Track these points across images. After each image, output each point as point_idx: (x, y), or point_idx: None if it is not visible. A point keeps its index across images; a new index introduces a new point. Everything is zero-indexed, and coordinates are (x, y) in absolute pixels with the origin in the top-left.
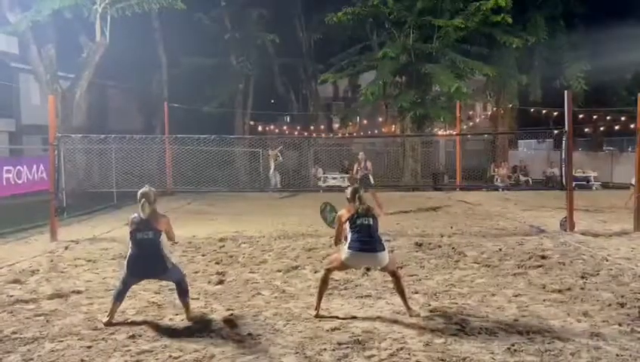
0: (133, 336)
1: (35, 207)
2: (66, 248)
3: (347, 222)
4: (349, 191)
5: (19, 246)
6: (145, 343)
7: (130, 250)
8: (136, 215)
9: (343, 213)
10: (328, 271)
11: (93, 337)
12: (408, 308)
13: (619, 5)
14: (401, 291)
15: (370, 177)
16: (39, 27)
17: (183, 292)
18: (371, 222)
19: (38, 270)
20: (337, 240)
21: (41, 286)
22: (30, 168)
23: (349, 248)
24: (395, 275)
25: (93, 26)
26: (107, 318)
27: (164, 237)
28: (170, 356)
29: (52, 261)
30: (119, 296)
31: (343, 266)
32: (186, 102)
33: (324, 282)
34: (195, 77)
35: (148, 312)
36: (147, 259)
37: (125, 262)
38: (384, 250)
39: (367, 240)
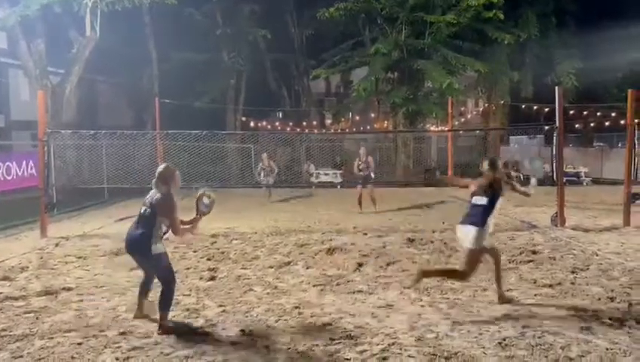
0: (123, 333)
1: (24, 204)
2: (56, 245)
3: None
4: (485, 163)
5: (8, 243)
6: (135, 340)
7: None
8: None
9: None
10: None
11: (84, 334)
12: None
13: (610, 4)
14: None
15: (372, 173)
16: (28, 22)
17: (161, 296)
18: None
19: (28, 267)
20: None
21: (31, 283)
22: (20, 164)
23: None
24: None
25: (83, 20)
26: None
27: (161, 223)
28: (162, 352)
29: (42, 258)
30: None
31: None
32: (177, 98)
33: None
34: (186, 72)
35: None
36: (133, 233)
37: None
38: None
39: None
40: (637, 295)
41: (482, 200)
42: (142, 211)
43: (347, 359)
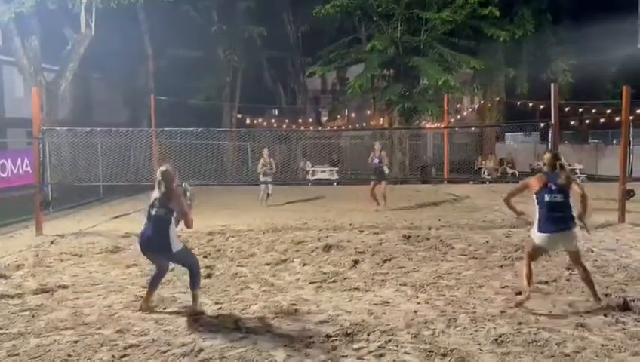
0: (120, 331)
1: (19, 201)
2: (52, 242)
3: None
4: (547, 156)
5: (4, 241)
6: (132, 337)
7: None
8: (155, 192)
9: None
10: (529, 258)
11: (80, 332)
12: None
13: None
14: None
15: (385, 168)
16: (23, 18)
17: (191, 279)
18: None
19: (24, 265)
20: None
21: (27, 281)
22: (15, 162)
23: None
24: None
25: (78, 17)
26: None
27: (177, 220)
28: (158, 350)
29: (37, 255)
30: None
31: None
32: (173, 95)
33: (528, 267)
34: (182, 69)
35: (135, 306)
36: (152, 236)
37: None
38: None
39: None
40: (632, 291)
41: (560, 197)
42: (154, 213)
43: (344, 356)
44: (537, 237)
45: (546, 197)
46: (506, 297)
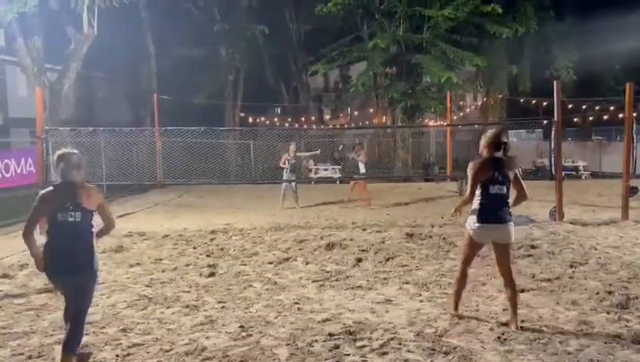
0: (124, 330)
1: (23, 201)
2: None
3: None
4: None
5: (7, 241)
6: (136, 337)
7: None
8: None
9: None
10: (464, 264)
11: (84, 331)
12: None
13: None
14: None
15: (361, 165)
16: (26, 18)
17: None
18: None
19: (28, 264)
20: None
21: (31, 281)
22: (18, 161)
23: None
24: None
25: (81, 17)
26: None
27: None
28: (162, 349)
29: None
30: None
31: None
32: (175, 94)
33: (463, 277)
34: (184, 68)
35: (139, 306)
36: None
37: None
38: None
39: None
40: (635, 289)
41: (504, 189)
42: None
43: (347, 354)
44: (475, 229)
45: (491, 190)
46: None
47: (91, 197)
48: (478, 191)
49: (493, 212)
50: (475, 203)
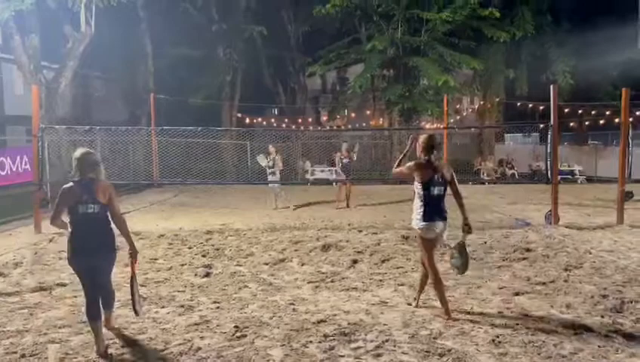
0: (118, 329)
1: (18, 199)
2: (50, 240)
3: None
4: (422, 138)
5: (2, 239)
6: (130, 336)
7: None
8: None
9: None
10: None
11: (78, 330)
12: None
13: (605, 1)
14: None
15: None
16: (23, 16)
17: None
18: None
19: (22, 262)
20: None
21: (25, 279)
22: (14, 160)
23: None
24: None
25: (78, 15)
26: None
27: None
28: (155, 349)
29: (36, 253)
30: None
31: (428, 244)
32: (172, 94)
33: (426, 276)
34: (182, 68)
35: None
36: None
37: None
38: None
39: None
40: (629, 292)
41: (443, 190)
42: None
43: (341, 356)
44: (422, 227)
45: (432, 191)
46: (504, 298)
47: (104, 191)
48: (420, 193)
49: (436, 211)
50: (418, 204)
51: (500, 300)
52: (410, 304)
